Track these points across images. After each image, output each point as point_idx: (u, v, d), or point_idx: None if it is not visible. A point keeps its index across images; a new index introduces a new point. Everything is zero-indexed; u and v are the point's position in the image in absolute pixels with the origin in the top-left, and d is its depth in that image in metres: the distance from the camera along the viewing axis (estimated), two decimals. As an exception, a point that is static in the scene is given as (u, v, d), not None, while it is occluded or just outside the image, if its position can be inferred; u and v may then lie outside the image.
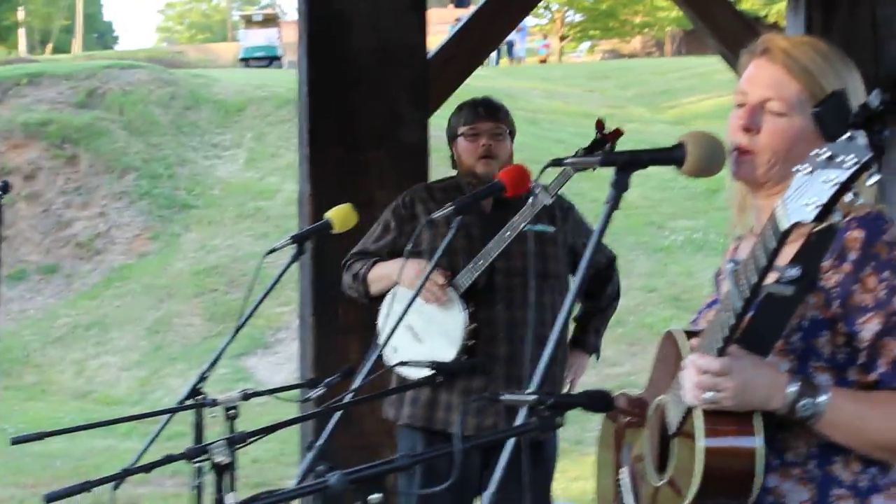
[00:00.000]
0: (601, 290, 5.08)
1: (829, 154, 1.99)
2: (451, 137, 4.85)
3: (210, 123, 20.61)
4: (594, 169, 2.50)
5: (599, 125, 4.58)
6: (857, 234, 2.40)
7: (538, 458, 4.79)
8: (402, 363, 3.76)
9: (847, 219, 2.41)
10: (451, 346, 4.62)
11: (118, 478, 3.14)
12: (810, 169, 2.01)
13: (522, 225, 4.48)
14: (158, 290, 16.94)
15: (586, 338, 5.09)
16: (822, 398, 2.34)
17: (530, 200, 4.39)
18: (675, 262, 16.72)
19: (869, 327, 2.38)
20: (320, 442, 3.51)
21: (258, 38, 40.92)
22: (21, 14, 54.11)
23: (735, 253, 2.69)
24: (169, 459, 3.30)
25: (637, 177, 2.55)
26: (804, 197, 2.01)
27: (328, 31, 5.23)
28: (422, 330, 4.69)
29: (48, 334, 16.30)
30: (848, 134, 1.98)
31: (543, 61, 37.12)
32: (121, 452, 10.58)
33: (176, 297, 16.70)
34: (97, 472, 3.28)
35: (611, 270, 5.10)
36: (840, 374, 2.43)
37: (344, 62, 5.20)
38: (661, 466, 2.51)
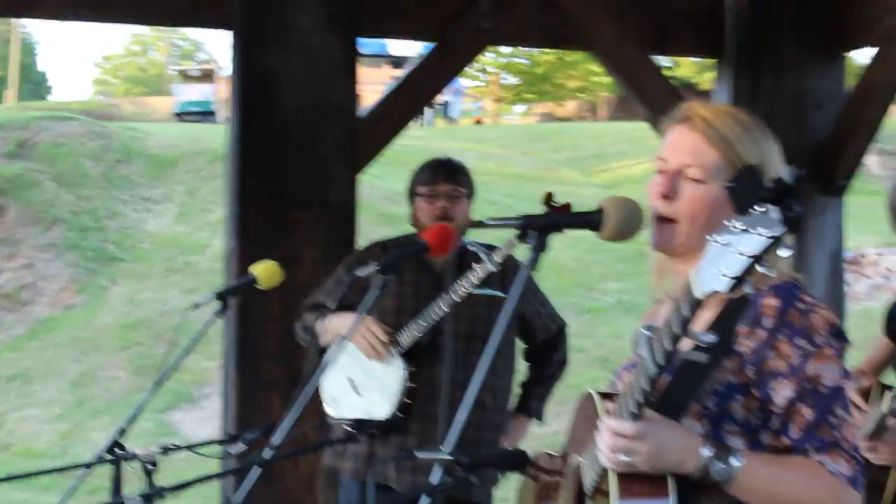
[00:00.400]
0: (549, 357, 5.09)
1: (742, 226, 2.02)
2: (411, 195, 4.85)
3: (142, 177, 20.51)
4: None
5: (548, 198, 4.61)
6: (772, 302, 2.44)
7: None
8: (319, 424, 3.75)
9: (763, 286, 2.45)
10: (387, 402, 4.62)
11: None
12: (725, 239, 2.04)
13: (469, 289, 4.50)
14: (84, 342, 16.75)
15: (529, 402, 5.08)
16: (736, 462, 2.37)
17: (477, 266, 4.45)
18: (605, 324, 16.81)
19: (782, 393, 2.41)
20: (238, 499, 3.49)
21: (193, 93, 40.88)
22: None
23: (654, 317, 2.72)
24: (83, 514, 3.27)
25: (569, 239, 2.59)
26: (716, 266, 2.04)
27: (259, 89, 5.24)
28: (361, 384, 4.70)
29: (-30, 386, 16.06)
30: (760, 207, 2.02)
31: (478, 122, 37.36)
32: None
33: (101, 351, 16.53)
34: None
35: (560, 338, 5.12)
36: (753, 437, 2.45)
37: (274, 120, 5.21)
38: (580, 524, 2.53)
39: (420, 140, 27.10)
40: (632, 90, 5.74)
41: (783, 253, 2.03)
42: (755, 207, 2.02)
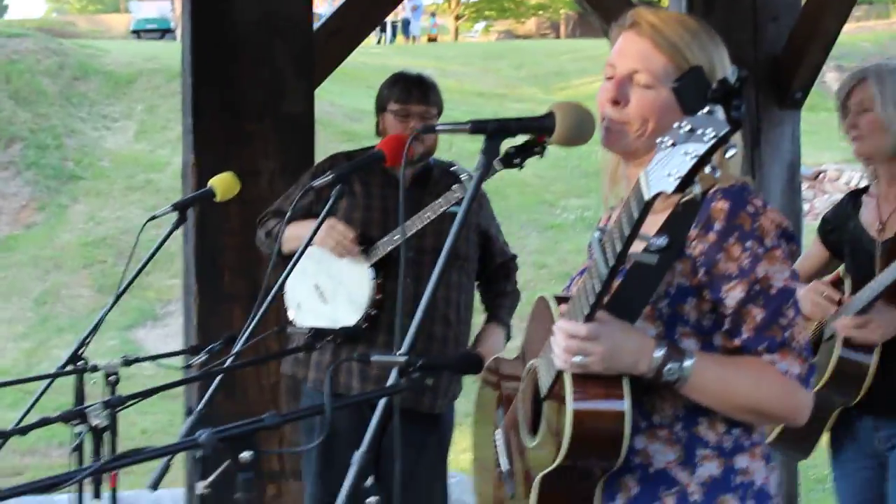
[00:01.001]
0: (503, 284, 5.10)
1: (689, 127, 2.05)
2: (380, 109, 4.83)
3: (99, 94, 20.30)
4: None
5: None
6: (722, 205, 2.48)
7: (434, 429, 4.84)
8: (281, 328, 3.78)
9: (713, 189, 2.48)
10: (355, 311, 4.64)
11: (-4, 438, 3.12)
12: (672, 141, 2.07)
13: (444, 208, 4.52)
14: (45, 261, 16.69)
15: (498, 313, 5.07)
16: (688, 362, 2.42)
17: (456, 186, 4.47)
18: (567, 240, 16.88)
19: (733, 295, 2.46)
20: (200, 406, 3.51)
21: (150, 10, 40.37)
22: None
23: (607, 223, 2.75)
24: (45, 422, 3.28)
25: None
26: (665, 168, 2.07)
27: (211, 1, 5.20)
28: (328, 291, 4.73)
29: (-68, 305, 15.99)
30: (707, 108, 2.04)
31: (431, 39, 37.06)
32: (5, 423, 10.40)
33: (63, 269, 16.47)
34: (-21, 442, 3.26)
35: (512, 266, 5.12)
36: (705, 339, 2.50)
37: (227, 32, 5.16)
38: (534, 428, 2.57)
39: (379, 57, 26.94)
40: (590, 5, 5.72)
41: (730, 153, 2.06)
42: (701, 108, 2.05)
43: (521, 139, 4.67)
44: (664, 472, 2.49)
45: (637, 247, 2.38)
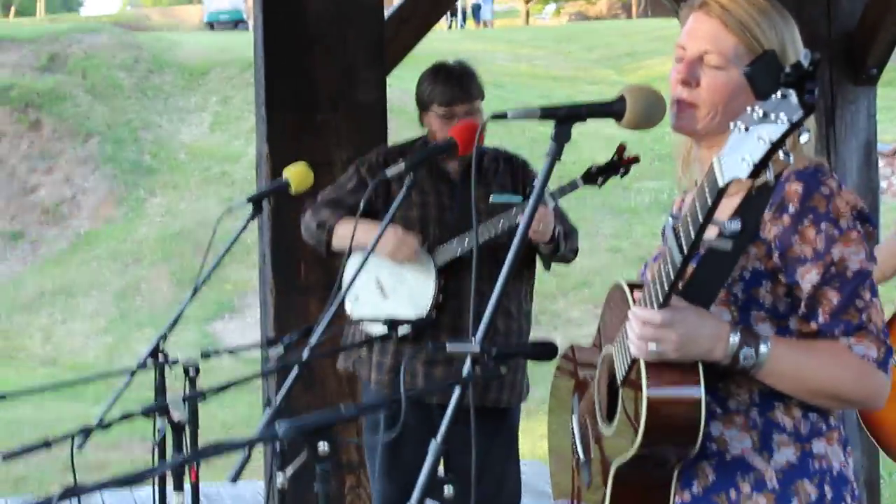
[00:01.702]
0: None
1: (762, 111, 2.03)
2: (422, 107, 4.75)
3: (174, 87, 20.50)
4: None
5: (620, 150, 4.63)
6: (796, 187, 2.45)
7: (502, 423, 4.82)
8: (356, 321, 3.78)
9: (787, 171, 2.46)
10: (416, 311, 4.60)
11: (74, 435, 3.16)
12: (745, 126, 2.05)
13: (521, 225, 4.45)
14: (125, 255, 16.91)
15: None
16: (763, 347, 2.39)
17: (535, 192, 4.40)
18: (641, 223, 16.80)
19: (808, 278, 2.43)
20: (278, 397, 3.54)
21: (223, 1, 40.66)
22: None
23: (681, 207, 2.73)
24: (127, 416, 3.34)
25: (605, 139, 2.60)
26: (739, 153, 2.05)
27: (282, -8, 5.24)
28: (389, 287, 4.69)
29: (15, 301, 16.26)
30: (779, 92, 2.02)
31: (484, 25, 36.67)
32: (89, 418, 10.50)
33: (142, 263, 16.68)
34: (65, 438, 3.32)
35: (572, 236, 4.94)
36: (781, 323, 2.48)
37: (299, 23, 5.19)
38: (610, 415, 2.57)
39: (450, 42, 26.94)
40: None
41: (803, 138, 2.04)
42: (774, 93, 2.03)
43: (605, 158, 4.64)
44: (741, 459, 2.47)
45: (710, 232, 2.37)
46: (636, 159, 4.64)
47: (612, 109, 2.44)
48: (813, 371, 2.42)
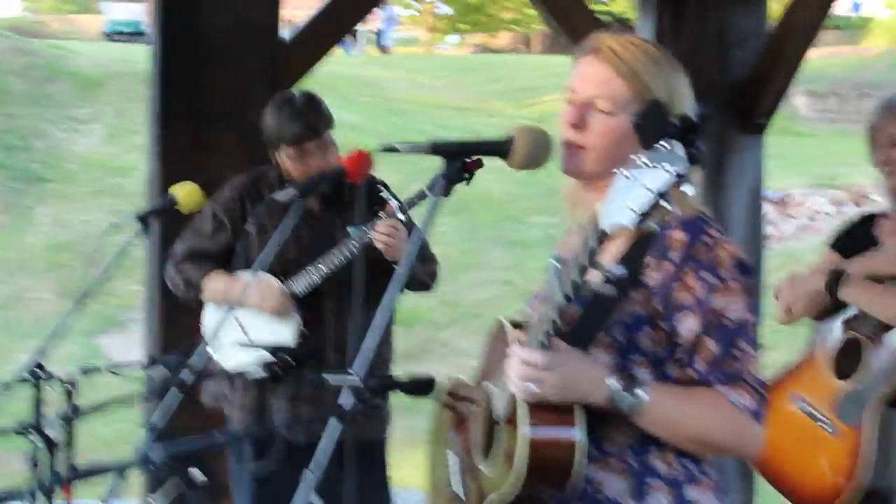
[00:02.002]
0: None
1: (648, 160, 2.06)
2: (271, 143, 4.63)
3: (69, 96, 20.18)
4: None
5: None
6: (679, 235, 2.49)
7: (373, 458, 4.77)
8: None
9: (671, 219, 2.50)
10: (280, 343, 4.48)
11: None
12: (632, 173, 2.08)
13: (365, 237, 4.43)
14: (10, 263, 16.57)
15: None
16: (641, 392, 2.42)
17: (383, 213, 4.36)
18: (533, 258, 16.89)
19: (687, 326, 2.46)
20: (158, 422, 3.51)
21: (123, 12, 40.21)
22: None
23: (565, 247, 2.76)
24: (-1, 431, 3.28)
25: (499, 171, 2.61)
26: (623, 200, 2.08)
27: (179, 8, 5.18)
28: (251, 327, 4.57)
29: None
30: (666, 143, 2.05)
31: (383, 51, 36.60)
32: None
33: (27, 272, 16.36)
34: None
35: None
36: (660, 369, 2.51)
37: (195, 39, 5.15)
38: (487, 452, 2.58)
39: (351, 67, 26.92)
40: (555, 21, 5.74)
41: (688, 190, 2.07)
42: (661, 143, 2.07)
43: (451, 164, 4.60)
44: (614, 502, 2.50)
45: (594, 276, 2.40)
46: (480, 163, 4.59)
47: (500, 149, 2.46)
48: (690, 418, 2.46)
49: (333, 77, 24.37)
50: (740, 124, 5.90)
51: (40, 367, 4.08)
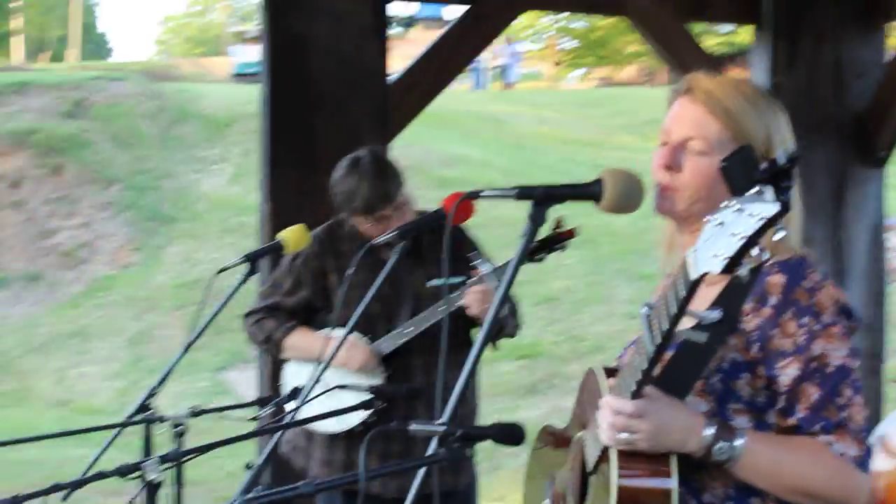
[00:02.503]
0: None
1: (737, 206, 1.99)
2: (343, 209, 4.56)
3: (197, 137, 20.58)
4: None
5: (557, 223, 4.52)
6: (778, 279, 2.41)
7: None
8: (341, 386, 3.73)
9: (770, 262, 2.42)
10: (358, 414, 4.41)
11: (48, 492, 3.14)
12: (720, 220, 2.02)
13: (455, 303, 4.36)
14: (140, 301, 16.92)
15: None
16: (739, 442, 2.35)
17: (478, 273, 4.33)
18: (657, 291, 16.73)
19: (788, 372, 2.39)
20: (259, 462, 3.51)
21: (251, 54, 40.88)
22: (17, 23, 54.08)
23: (661, 293, 2.70)
24: (99, 476, 3.30)
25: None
26: (713, 248, 2.01)
27: (288, 54, 5.23)
28: (336, 384, 4.55)
29: (29, 342, 16.27)
30: (755, 189, 1.99)
31: (507, 87, 36.55)
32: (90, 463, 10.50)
33: (157, 310, 16.68)
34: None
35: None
36: (759, 416, 2.43)
37: (304, 84, 5.20)
38: (582, 502, 2.52)
39: (475, 104, 27.03)
40: (666, 57, 5.68)
41: (778, 235, 2.00)
42: (750, 188, 2.00)
43: (544, 232, 4.54)
44: None
45: (688, 322, 2.33)
46: (573, 233, 4.53)
47: (589, 191, 2.40)
48: (790, 468, 2.37)
49: (457, 113, 24.51)
50: (860, 157, 5.75)
51: (148, 408, 4.12)
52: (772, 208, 1.96)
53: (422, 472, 2.27)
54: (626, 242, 18.11)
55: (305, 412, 4.44)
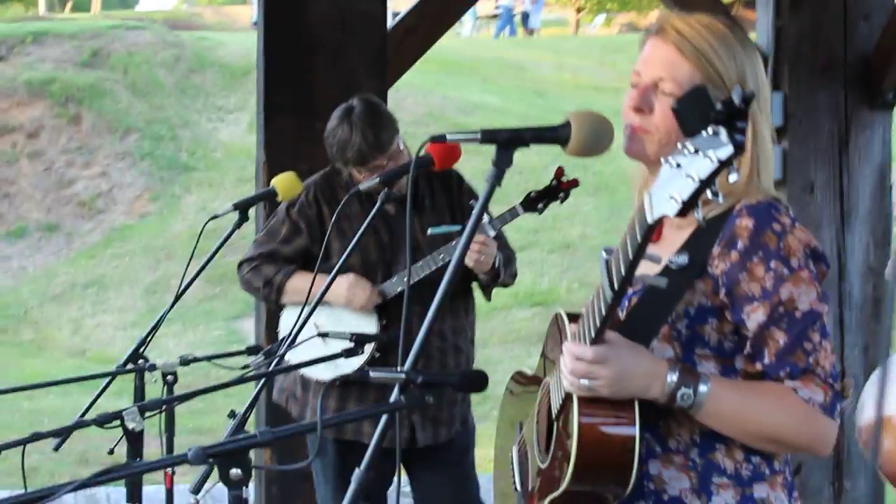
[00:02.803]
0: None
1: (693, 148, 1.95)
2: (337, 160, 4.53)
3: (214, 86, 20.47)
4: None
5: (558, 173, 4.47)
6: (746, 223, 2.37)
7: (450, 454, 4.72)
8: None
9: (739, 205, 2.38)
10: (358, 356, 4.32)
11: (26, 442, 3.15)
12: (676, 162, 1.98)
13: (457, 253, 4.35)
14: (157, 251, 16.94)
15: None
16: (703, 387, 2.32)
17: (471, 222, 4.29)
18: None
19: (755, 317, 2.35)
20: (243, 410, 3.51)
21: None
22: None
23: None
24: (80, 425, 3.32)
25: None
26: (668, 189, 1.98)
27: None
28: (331, 327, 4.51)
29: (46, 292, 16.32)
30: (710, 129, 1.94)
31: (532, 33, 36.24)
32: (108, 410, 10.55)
33: (174, 259, 16.69)
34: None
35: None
36: (726, 361, 2.40)
37: (300, 30, 5.13)
38: (547, 448, 2.50)
39: (496, 50, 26.88)
40: (675, 4, 5.59)
41: (732, 178, 1.96)
42: (705, 129, 1.95)
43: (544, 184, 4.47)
44: (678, 500, 2.40)
45: (653, 268, 2.29)
46: (575, 182, 4.48)
47: (556, 135, 2.35)
48: (754, 414, 2.34)
49: (478, 60, 24.36)
50: (866, 100, 5.66)
51: (142, 356, 4.14)
52: (726, 149, 1.91)
53: (383, 419, 2.24)
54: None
55: (297, 358, 4.45)
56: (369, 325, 4.55)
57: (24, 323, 15.66)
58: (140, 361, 4.17)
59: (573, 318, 2.46)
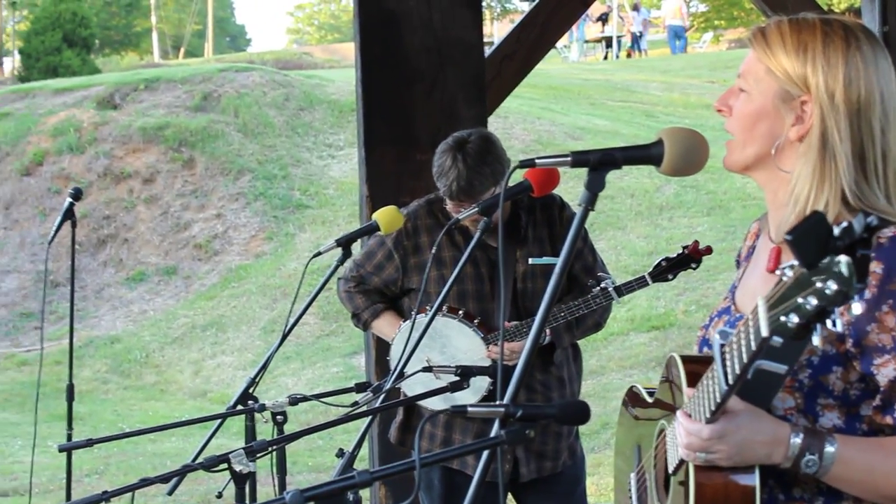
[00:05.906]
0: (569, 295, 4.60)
1: (810, 274, 1.78)
2: (436, 181, 4.50)
3: (324, 124, 20.66)
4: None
5: (694, 245, 4.41)
6: (874, 268, 2.18)
7: (567, 488, 4.65)
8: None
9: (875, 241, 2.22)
10: (473, 392, 4.34)
11: (135, 488, 3.15)
12: (794, 278, 1.82)
13: (579, 308, 4.35)
14: (274, 289, 17.07)
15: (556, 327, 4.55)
16: (829, 448, 2.17)
17: (595, 290, 4.34)
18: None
19: (885, 372, 2.19)
20: (351, 448, 3.48)
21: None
22: (153, 20, 55.14)
23: (750, 248, 2.55)
24: (188, 469, 3.30)
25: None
26: (783, 306, 1.82)
27: (380, 30, 5.15)
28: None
29: (167, 335, 16.54)
30: (829, 258, 1.75)
31: (628, 55, 36.01)
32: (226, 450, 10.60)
33: (290, 297, 16.81)
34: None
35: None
36: (850, 410, 2.25)
37: (397, 62, 5.11)
38: (666, 489, 2.39)
39: (604, 73, 26.74)
40: (771, 13, 5.46)
41: (855, 308, 1.77)
42: (823, 260, 1.75)
43: (675, 252, 4.41)
44: None
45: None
46: (709, 250, 4.38)
47: (648, 154, 2.26)
48: (885, 475, 2.19)
49: (587, 85, 24.26)
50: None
51: (251, 397, 4.14)
52: (847, 284, 1.72)
53: (485, 454, 2.17)
54: (758, 207, 17.69)
55: (409, 391, 4.42)
56: (481, 361, 4.48)
57: (146, 367, 15.88)
58: (250, 402, 4.16)
59: (688, 361, 2.33)
